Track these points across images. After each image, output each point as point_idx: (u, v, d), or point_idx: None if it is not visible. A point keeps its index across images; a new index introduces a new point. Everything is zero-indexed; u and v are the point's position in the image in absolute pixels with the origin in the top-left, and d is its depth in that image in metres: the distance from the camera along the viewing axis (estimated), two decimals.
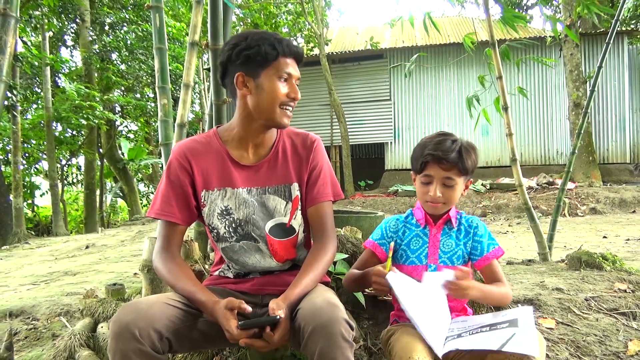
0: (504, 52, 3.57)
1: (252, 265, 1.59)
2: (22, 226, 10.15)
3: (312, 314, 1.24)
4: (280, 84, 1.47)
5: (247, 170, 1.55)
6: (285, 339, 1.29)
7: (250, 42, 1.44)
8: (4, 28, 1.80)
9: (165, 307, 1.32)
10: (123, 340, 1.19)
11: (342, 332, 1.20)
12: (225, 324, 1.27)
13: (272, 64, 1.45)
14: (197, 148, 1.55)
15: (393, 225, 1.70)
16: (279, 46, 1.44)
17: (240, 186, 1.54)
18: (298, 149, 1.61)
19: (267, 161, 1.57)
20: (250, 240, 1.57)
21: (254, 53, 1.43)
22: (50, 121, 11.32)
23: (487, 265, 1.61)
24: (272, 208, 1.56)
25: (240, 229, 1.55)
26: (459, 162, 1.53)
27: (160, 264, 1.49)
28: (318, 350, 1.18)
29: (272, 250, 1.58)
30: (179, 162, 1.53)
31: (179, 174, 1.52)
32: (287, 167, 1.58)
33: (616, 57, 12.58)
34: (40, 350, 2.30)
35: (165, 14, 3.57)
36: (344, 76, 14.50)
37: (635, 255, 4.38)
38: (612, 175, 12.11)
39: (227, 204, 1.54)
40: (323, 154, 1.64)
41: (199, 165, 1.54)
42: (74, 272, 4.59)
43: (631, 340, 2.06)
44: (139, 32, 12.41)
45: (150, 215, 1.53)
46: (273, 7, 14.11)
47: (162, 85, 2.60)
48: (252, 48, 1.43)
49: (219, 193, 1.54)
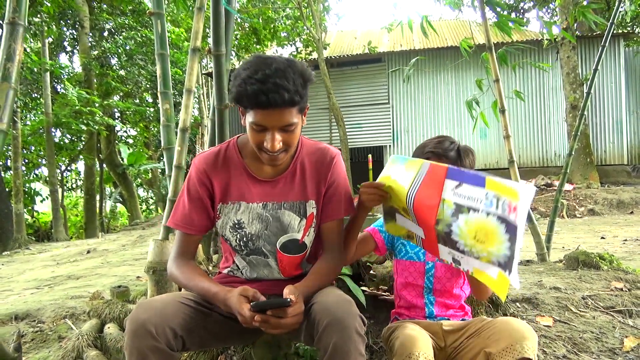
0: (501, 57, 3.62)
1: (258, 278, 1.63)
2: (22, 232, 10.16)
3: (327, 308, 1.28)
4: (253, 132, 1.40)
5: (264, 184, 1.55)
6: (298, 320, 1.30)
7: (233, 80, 1.37)
8: (13, 36, 1.85)
9: (179, 305, 1.36)
10: (139, 338, 1.22)
11: (356, 326, 1.24)
12: (238, 308, 1.30)
13: (247, 111, 1.38)
14: (216, 162, 1.56)
15: None
16: (246, 99, 1.33)
17: (255, 201, 1.55)
18: (317, 165, 1.58)
19: (284, 177, 1.56)
20: (259, 256, 1.59)
21: (235, 95, 1.36)
22: (49, 127, 11.33)
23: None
24: (287, 224, 1.56)
25: (250, 244, 1.57)
26: (458, 160, 1.59)
27: (175, 269, 1.53)
28: (332, 343, 1.22)
29: (281, 267, 1.60)
30: (199, 177, 1.55)
31: (198, 188, 1.54)
32: (305, 184, 1.57)
33: (613, 59, 12.66)
34: (47, 352, 2.33)
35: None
36: (342, 80, 14.56)
37: (632, 255, 4.42)
38: (609, 176, 12.16)
39: (240, 218, 1.55)
40: (341, 170, 1.62)
41: (218, 179, 1.54)
42: (77, 276, 4.62)
43: (627, 337, 2.11)
44: (138, 38, 12.47)
45: (169, 224, 1.58)
46: (271, 11, 14.18)
47: (164, 90, 2.65)
48: (230, 90, 1.39)
49: (233, 206, 1.55)
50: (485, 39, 3.62)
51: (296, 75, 1.33)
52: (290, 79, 1.31)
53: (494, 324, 1.44)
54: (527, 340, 1.30)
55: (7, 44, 1.83)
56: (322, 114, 14.35)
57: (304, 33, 14.52)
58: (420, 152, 1.64)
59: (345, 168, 1.66)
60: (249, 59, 1.39)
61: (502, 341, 1.33)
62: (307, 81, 1.38)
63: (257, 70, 1.30)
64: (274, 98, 1.29)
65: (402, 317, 1.68)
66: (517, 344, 1.30)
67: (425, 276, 1.65)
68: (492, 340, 1.37)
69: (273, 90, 1.29)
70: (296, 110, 1.37)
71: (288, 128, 1.38)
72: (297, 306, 1.28)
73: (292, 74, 1.32)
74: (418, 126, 13.96)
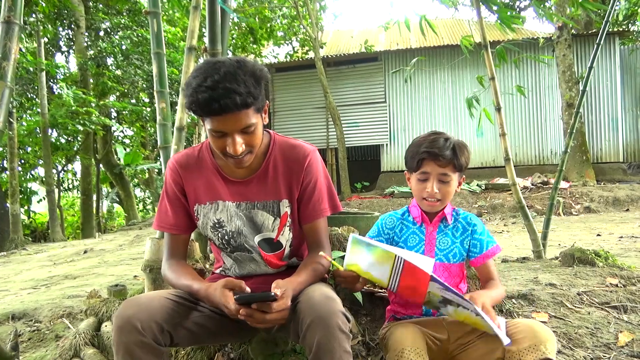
0: (500, 54, 3.64)
1: (248, 273, 1.65)
2: (19, 232, 10.15)
3: (310, 307, 1.28)
4: (213, 139, 1.38)
5: (236, 185, 1.56)
6: (283, 316, 1.30)
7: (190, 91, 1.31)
8: (8, 35, 1.85)
9: (165, 301, 1.37)
10: (126, 333, 1.24)
11: (339, 324, 1.25)
12: (223, 301, 1.30)
13: (205, 119, 1.35)
14: (189, 163, 1.57)
15: (389, 221, 1.74)
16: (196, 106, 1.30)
17: (229, 200, 1.56)
18: (290, 163, 1.56)
19: (256, 177, 1.55)
20: (244, 252, 1.61)
21: (188, 105, 1.33)
22: (46, 127, 11.31)
23: (484, 264, 1.66)
24: (260, 223, 1.57)
25: (233, 241, 1.59)
26: (454, 158, 1.59)
27: (167, 271, 1.57)
28: (316, 341, 1.23)
29: (266, 259, 1.62)
30: (173, 177, 1.58)
31: (174, 188, 1.57)
32: (277, 183, 1.56)
33: (608, 57, 12.70)
34: (45, 351, 2.34)
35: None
36: (339, 79, 14.56)
37: (627, 252, 4.44)
38: (605, 174, 12.20)
39: (220, 217, 1.57)
40: (317, 167, 1.58)
41: (190, 180, 1.56)
42: (74, 275, 4.62)
43: (621, 332, 2.12)
44: (135, 38, 12.44)
45: (154, 227, 1.63)
46: (268, 11, 14.17)
47: (161, 89, 2.64)
48: (188, 99, 1.33)
49: (211, 206, 1.56)
50: (481, 37, 3.64)
51: (247, 75, 1.31)
52: (241, 81, 1.28)
53: (515, 324, 1.45)
54: (549, 342, 1.34)
55: (3, 42, 1.84)
56: (318, 113, 14.35)
57: (301, 32, 14.53)
58: (415, 152, 1.62)
59: (322, 164, 1.63)
60: (199, 65, 1.36)
61: (525, 341, 1.35)
62: (259, 80, 1.35)
63: (206, 77, 1.28)
64: (225, 104, 1.26)
65: (399, 314, 1.69)
66: (542, 345, 1.33)
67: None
68: (513, 338, 1.37)
69: (224, 96, 1.26)
70: (252, 110, 1.34)
71: (247, 130, 1.36)
72: (282, 302, 1.28)
73: (242, 76, 1.29)
74: (415, 125, 13.98)
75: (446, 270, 1.65)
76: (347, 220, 2.57)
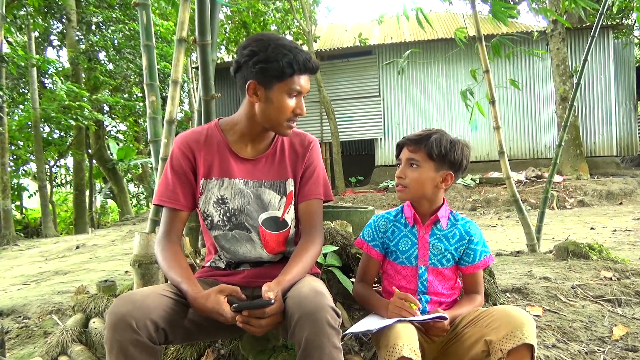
0: (494, 47, 3.61)
1: (242, 254, 1.61)
2: (10, 228, 10.03)
3: (299, 302, 1.26)
4: (289, 100, 1.49)
5: (245, 163, 1.60)
6: (275, 320, 1.31)
7: (269, 54, 1.43)
8: None
9: (160, 298, 1.33)
10: (120, 331, 1.20)
11: (327, 319, 1.22)
12: (218, 309, 1.29)
13: (286, 79, 1.46)
14: (199, 139, 1.60)
15: (382, 224, 1.70)
16: (296, 65, 1.44)
17: (237, 177, 1.58)
18: (296, 147, 1.65)
19: (265, 156, 1.62)
20: (242, 230, 1.60)
21: (271, 68, 1.43)
22: (37, 122, 11.19)
23: (473, 274, 1.65)
24: (267, 201, 1.60)
25: (234, 218, 1.59)
26: (426, 144, 1.57)
27: (159, 251, 1.53)
28: (305, 337, 1.20)
29: (264, 241, 1.61)
30: (182, 151, 1.58)
31: (181, 163, 1.57)
32: (284, 164, 1.63)
33: (602, 51, 12.72)
34: (32, 348, 2.30)
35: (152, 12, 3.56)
36: (333, 73, 14.52)
37: (621, 245, 4.45)
38: (599, 168, 12.25)
39: (224, 194, 1.58)
40: (318, 155, 1.69)
41: (202, 155, 1.58)
42: (64, 271, 4.57)
43: (616, 325, 2.11)
44: (127, 31, 12.31)
45: (154, 202, 1.59)
46: (261, 4, 14.08)
47: (150, 82, 2.61)
48: (269, 62, 1.43)
49: (216, 182, 1.58)
50: (475, 30, 3.61)
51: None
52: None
53: (491, 312, 1.44)
54: (526, 326, 1.32)
55: None
56: (312, 107, 14.29)
57: (294, 26, 14.47)
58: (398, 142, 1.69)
59: (321, 155, 1.72)
60: (257, 37, 1.49)
61: (501, 329, 1.34)
62: None
63: (285, 43, 1.45)
64: (316, 62, 1.50)
65: None
66: (517, 331, 1.31)
67: (419, 280, 1.62)
68: (491, 328, 1.38)
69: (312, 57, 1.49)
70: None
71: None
72: (274, 305, 1.28)
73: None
74: (409, 118, 13.97)
75: (439, 274, 1.63)
76: (340, 214, 2.54)
